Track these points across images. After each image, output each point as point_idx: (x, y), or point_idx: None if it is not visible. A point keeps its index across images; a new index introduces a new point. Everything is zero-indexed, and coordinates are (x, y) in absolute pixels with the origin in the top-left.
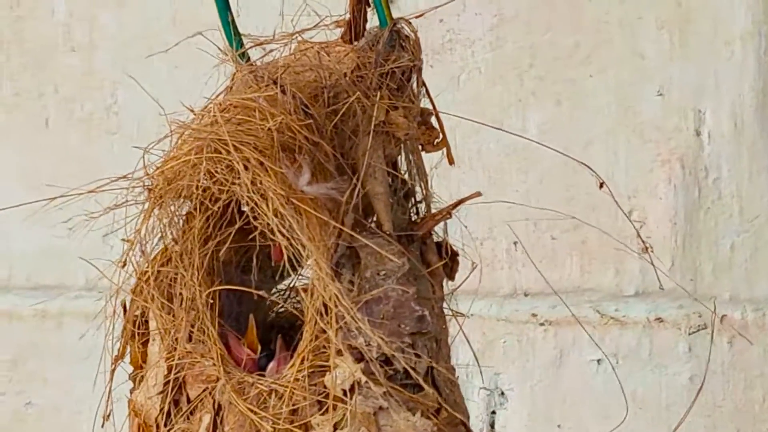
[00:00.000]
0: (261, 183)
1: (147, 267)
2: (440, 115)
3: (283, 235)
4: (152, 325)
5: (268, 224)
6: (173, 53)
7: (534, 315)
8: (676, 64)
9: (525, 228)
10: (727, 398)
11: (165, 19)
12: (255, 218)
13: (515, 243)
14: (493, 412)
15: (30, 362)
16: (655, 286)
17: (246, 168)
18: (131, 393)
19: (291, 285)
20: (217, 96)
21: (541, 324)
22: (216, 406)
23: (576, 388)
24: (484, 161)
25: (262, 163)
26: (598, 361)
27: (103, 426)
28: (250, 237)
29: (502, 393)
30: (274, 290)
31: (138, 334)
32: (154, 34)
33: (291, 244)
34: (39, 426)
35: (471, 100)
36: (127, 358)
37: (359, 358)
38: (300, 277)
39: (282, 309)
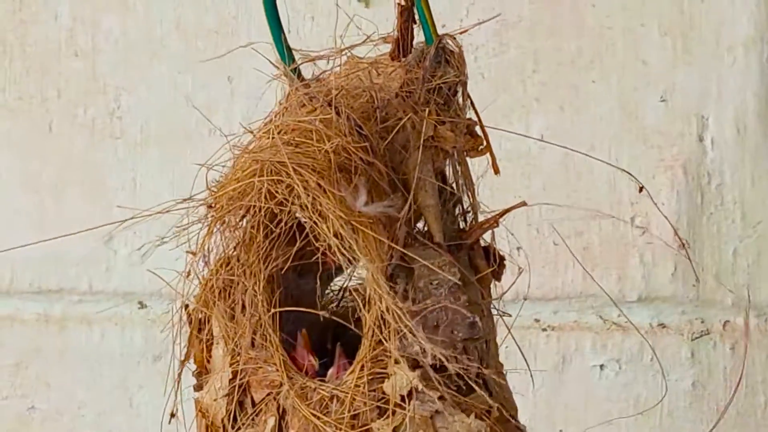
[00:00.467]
0: (321, 205)
1: (210, 276)
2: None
3: (344, 255)
4: (215, 330)
5: (329, 245)
6: (177, 59)
7: (536, 320)
8: (679, 70)
9: (527, 233)
10: (730, 404)
11: (168, 23)
12: (315, 239)
13: (518, 248)
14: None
15: (33, 366)
16: (657, 292)
17: (305, 190)
18: (197, 393)
19: (344, 286)
20: (273, 115)
21: (544, 329)
22: (280, 410)
23: (578, 394)
24: (481, 167)
25: (320, 185)
26: (601, 366)
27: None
28: (305, 244)
29: None
30: (327, 290)
31: (200, 339)
32: (157, 38)
33: (349, 261)
34: (42, 430)
35: (475, 105)
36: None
37: (415, 365)
38: (353, 277)
39: (336, 309)
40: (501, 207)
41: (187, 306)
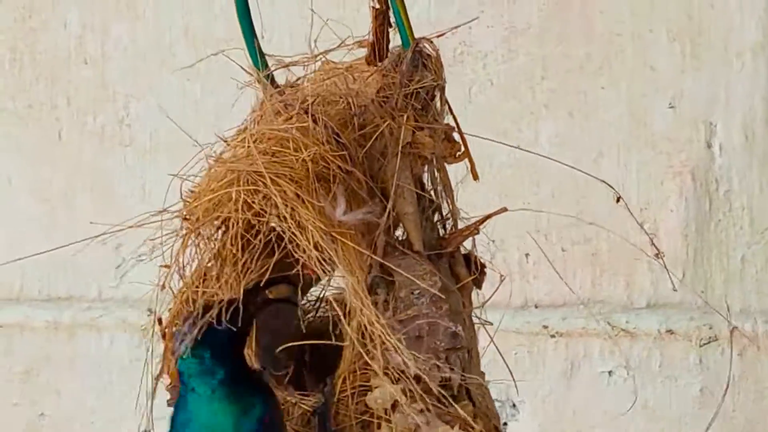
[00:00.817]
0: (299, 215)
1: (185, 289)
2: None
3: (323, 267)
4: None
5: (309, 256)
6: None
7: (545, 327)
8: (688, 76)
9: (536, 240)
10: (738, 409)
11: (177, 31)
12: (294, 250)
13: (527, 255)
14: (505, 424)
15: (43, 374)
16: (666, 298)
17: (283, 200)
18: (169, 404)
19: (322, 296)
20: (247, 123)
21: (552, 336)
22: None
23: (587, 400)
24: (496, 173)
25: (298, 195)
26: (609, 372)
27: None
28: (283, 255)
29: (514, 405)
30: (304, 301)
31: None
32: (166, 46)
33: (326, 272)
34: None
35: (483, 112)
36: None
37: (397, 378)
38: (329, 287)
39: (312, 318)
40: (509, 214)
41: (160, 320)
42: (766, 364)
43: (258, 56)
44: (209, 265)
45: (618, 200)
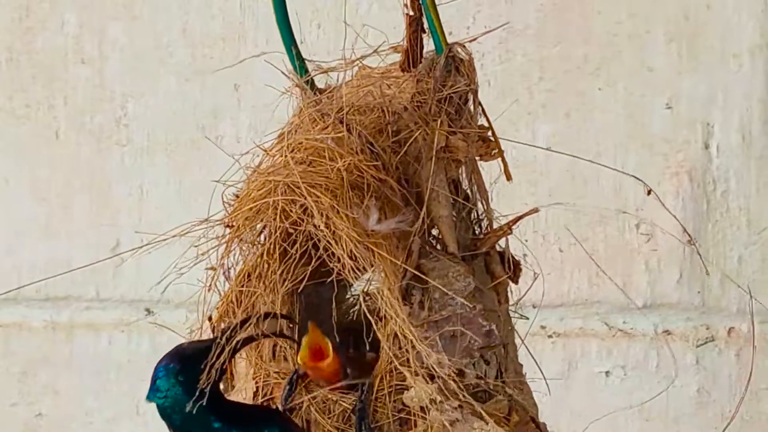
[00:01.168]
0: (334, 225)
1: (231, 290)
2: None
3: (357, 276)
4: None
5: (343, 264)
6: (183, 66)
7: (542, 327)
8: (685, 77)
9: (534, 240)
10: (735, 410)
11: (175, 31)
12: (330, 257)
13: (525, 255)
14: None
15: (41, 373)
16: (663, 298)
17: (319, 210)
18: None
19: (362, 290)
20: (285, 131)
21: (550, 336)
22: (304, 422)
23: (584, 400)
24: (493, 174)
25: (333, 206)
26: (606, 372)
27: None
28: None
29: None
30: (347, 296)
31: None
32: (164, 45)
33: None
34: None
35: None
36: None
37: (433, 376)
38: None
39: (356, 312)
40: (508, 213)
41: (210, 317)
42: (762, 364)
43: (297, 61)
44: (253, 267)
45: (649, 193)
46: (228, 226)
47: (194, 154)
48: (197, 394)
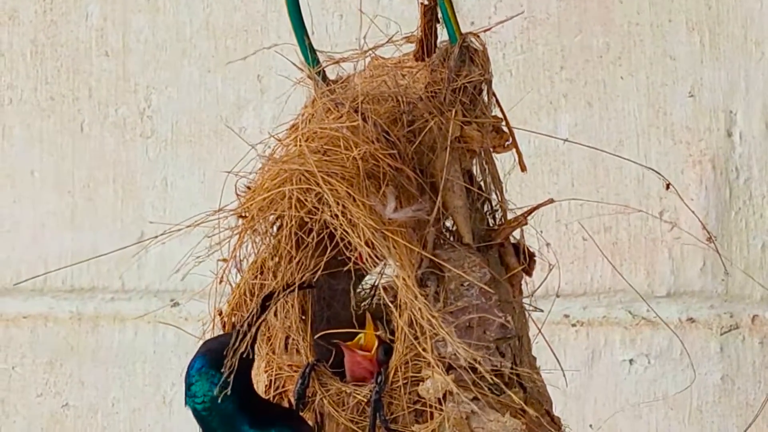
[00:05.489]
0: (350, 213)
1: (242, 282)
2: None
3: (375, 263)
4: None
5: (360, 253)
6: (205, 58)
7: (566, 316)
8: (707, 65)
9: (556, 230)
10: (759, 398)
11: (197, 23)
12: (346, 246)
13: (548, 244)
14: None
15: (66, 364)
16: (686, 287)
17: (335, 198)
18: None
19: (376, 284)
20: (299, 121)
21: (573, 325)
22: (317, 415)
23: (608, 389)
24: (508, 165)
25: (350, 194)
26: (630, 361)
27: None
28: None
29: None
30: (360, 289)
31: None
32: (186, 38)
33: (377, 263)
34: (76, 427)
35: (502, 102)
36: None
37: (449, 368)
38: (383, 275)
39: (367, 306)
40: (530, 203)
41: (221, 312)
42: None
43: (309, 53)
44: (266, 258)
45: (668, 187)
46: (241, 216)
47: (218, 146)
48: (229, 385)
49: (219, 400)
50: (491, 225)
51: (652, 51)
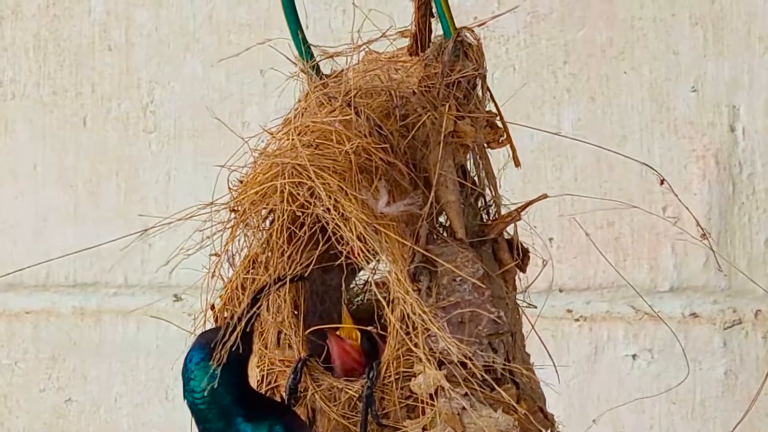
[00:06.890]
0: (342, 207)
1: (235, 276)
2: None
3: (366, 258)
4: None
5: (352, 247)
6: (209, 53)
7: (569, 311)
8: (710, 60)
9: (560, 224)
10: (762, 392)
11: (201, 17)
12: (338, 240)
13: (550, 239)
14: None
15: (69, 359)
16: (689, 282)
17: (327, 192)
18: None
19: (368, 279)
20: (291, 115)
21: (576, 320)
22: (309, 410)
23: (611, 384)
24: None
25: (342, 188)
26: (633, 356)
27: None
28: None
29: None
30: (352, 285)
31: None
32: (190, 32)
33: (369, 261)
34: (79, 422)
35: (505, 96)
36: None
37: (441, 363)
38: (375, 271)
39: (360, 302)
40: (534, 198)
41: (213, 306)
42: None
43: (303, 47)
44: (257, 253)
45: (662, 183)
46: (233, 210)
47: (221, 140)
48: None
49: (216, 394)
50: (485, 220)
51: (655, 46)
